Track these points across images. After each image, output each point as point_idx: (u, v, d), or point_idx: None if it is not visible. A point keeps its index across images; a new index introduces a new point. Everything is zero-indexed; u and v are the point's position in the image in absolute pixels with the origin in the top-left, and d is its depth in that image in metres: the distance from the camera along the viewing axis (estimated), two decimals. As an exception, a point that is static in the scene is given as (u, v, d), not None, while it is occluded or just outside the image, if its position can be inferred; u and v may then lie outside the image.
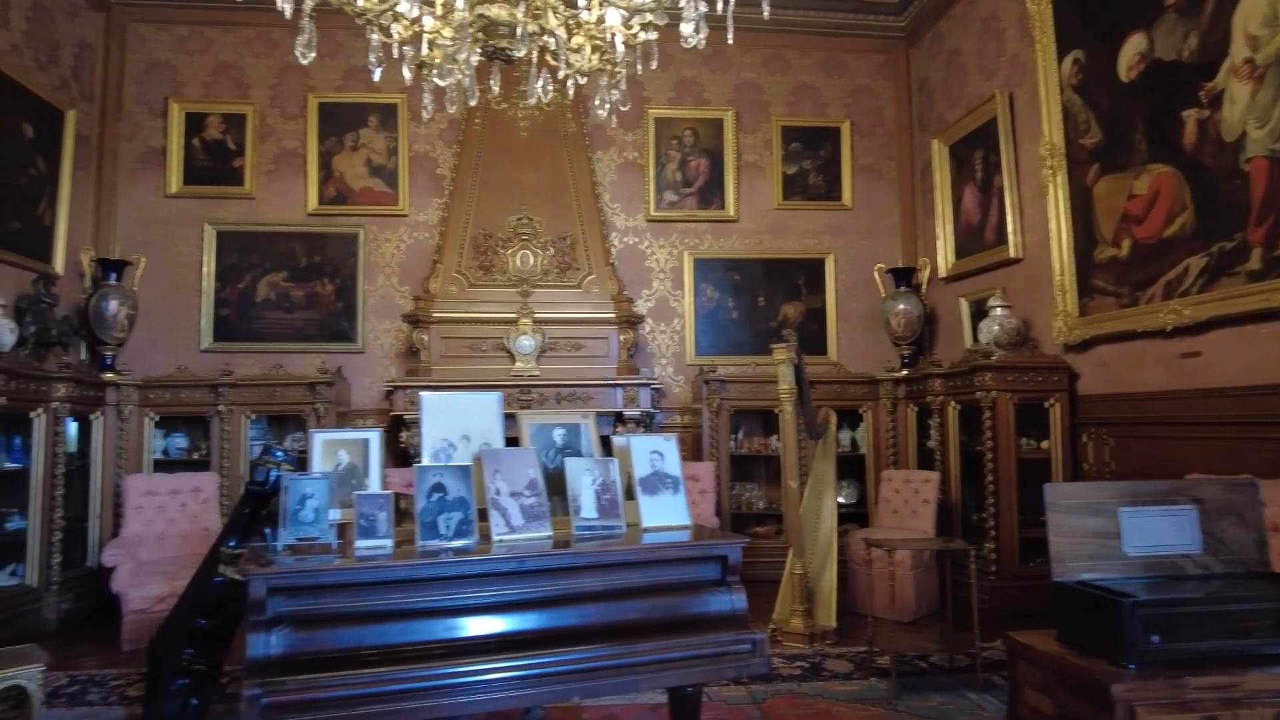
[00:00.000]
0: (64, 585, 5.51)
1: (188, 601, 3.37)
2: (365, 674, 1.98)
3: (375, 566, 2.18)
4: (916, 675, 4.22)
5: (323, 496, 2.43)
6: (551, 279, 6.85)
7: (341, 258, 7.13)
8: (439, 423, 2.77)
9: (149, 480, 5.62)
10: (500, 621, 2.21)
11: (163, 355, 6.86)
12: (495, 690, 2.09)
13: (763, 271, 7.50)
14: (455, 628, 2.17)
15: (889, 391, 6.84)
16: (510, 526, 2.54)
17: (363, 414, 7.00)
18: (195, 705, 3.27)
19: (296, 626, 2.05)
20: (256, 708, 1.88)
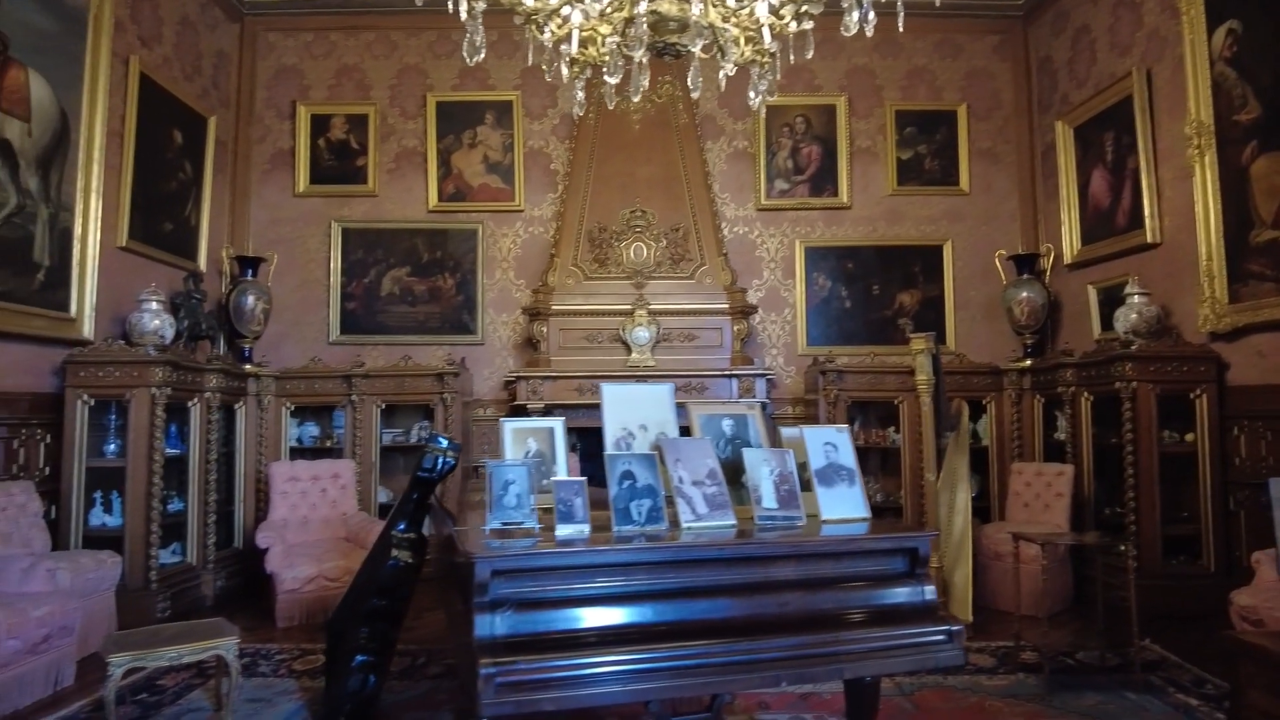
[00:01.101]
0: (218, 564, 5.86)
1: (363, 582, 3.54)
2: (593, 656, 2.05)
3: (601, 550, 2.26)
4: (1065, 673, 4.12)
5: (524, 482, 2.52)
6: (665, 270, 6.89)
7: (461, 253, 7.32)
8: (619, 413, 2.84)
9: (292, 467, 5.91)
10: (708, 606, 2.26)
11: (293, 347, 7.20)
12: (706, 675, 2.13)
13: (877, 259, 7.38)
14: (665, 611, 2.23)
15: (1014, 382, 6.65)
16: (696, 514, 2.59)
17: (483, 403, 7.20)
18: (374, 682, 3.44)
19: (518, 608, 2.14)
20: (491, 686, 1.97)
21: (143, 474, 5.12)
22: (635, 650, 2.09)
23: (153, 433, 5.15)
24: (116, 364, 5.17)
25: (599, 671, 2.06)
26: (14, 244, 4.84)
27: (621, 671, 2.07)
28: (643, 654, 2.09)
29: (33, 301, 4.99)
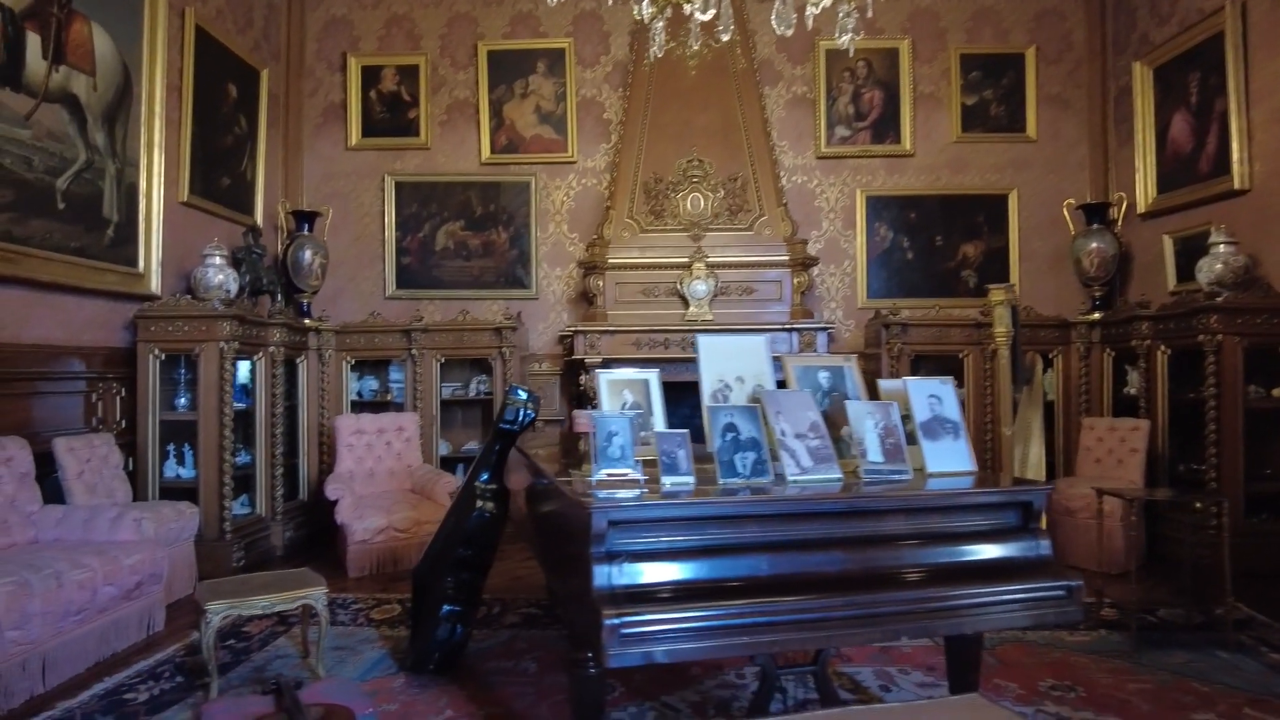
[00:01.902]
0: (285, 515, 5.96)
1: (448, 532, 3.55)
2: (715, 608, 2.02)
3: (718, 502, 2.22)
4: (1149, 630, 4.04)
5: (627, 434, 2.48)
6: (722, 221, 6.76)
7: (514, 206, 7.25)
8: (715, 365, 2.78)
9: (357, 420, 5.96)
10: (823, 560, 2.22)
11: (350, 302, 7.22)
12: (828, 629, 2.10)
13: (940, 209, 7.17)
14: (780, 564, 2.19)
15: (1082, 335, 6.47)
16: (800, 467, 2.54)
17: (538, 358, 7.19)
18: (461, 631, 3.47)
19: (634, 559, 2.11)
20: (615, 637, 1.96)
21: (214, 427, 5.19)
22: (758, 602, 2.06)
23: (222, 386, 5.20)
24: (185, 318, 5.20)
25: (724, 623, 2.03)
26: (85, 200, 4.86)
27: (745, 624, 2.04)
28: (766, 606, 2.06)
29: (104, 257, 5.02)
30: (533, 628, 4.18)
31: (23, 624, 3.29)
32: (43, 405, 4.62)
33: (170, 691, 3.40)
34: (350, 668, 3.65)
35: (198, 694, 3.36)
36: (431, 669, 3.48)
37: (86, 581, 3.63)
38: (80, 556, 3.71)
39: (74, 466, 4.51)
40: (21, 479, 4.13)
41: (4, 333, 4.37)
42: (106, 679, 3.53)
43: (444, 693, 3.35)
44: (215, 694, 3.27)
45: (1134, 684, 3.41)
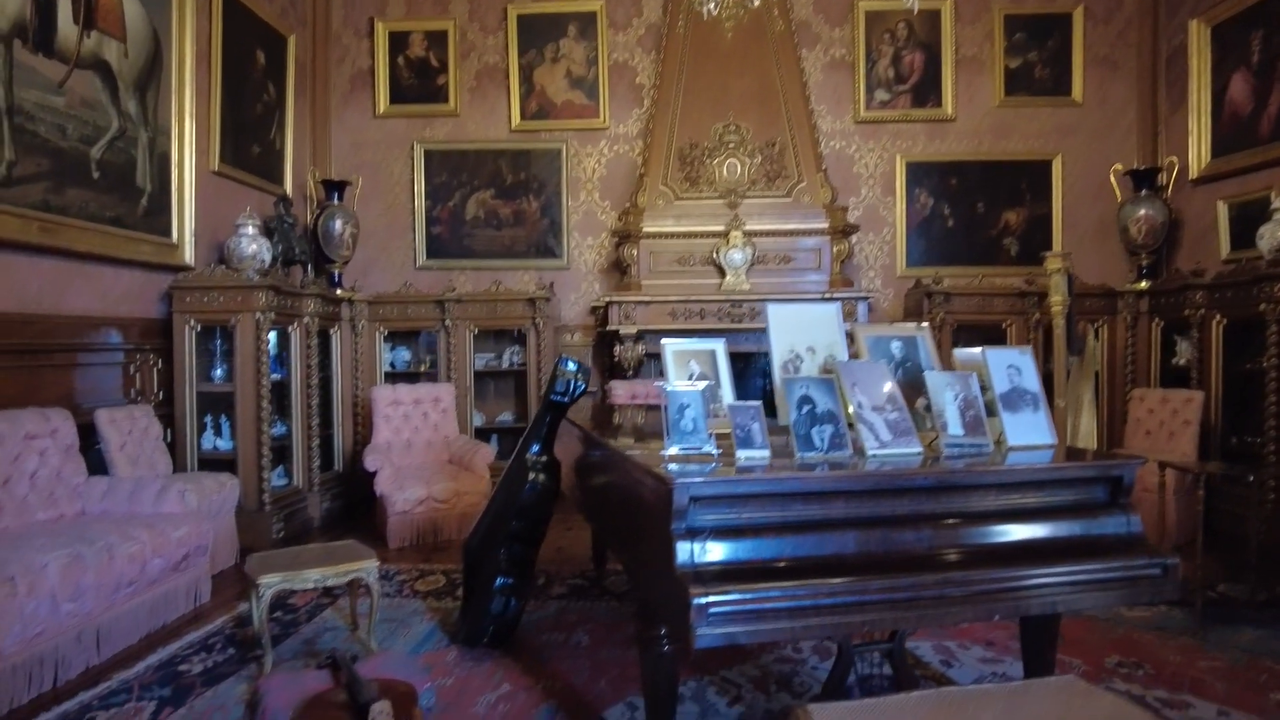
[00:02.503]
0: (322, 486, 5.94)
1: (500, 505, 3.49)
2: (807, 586, 1.94)
3: (810, 478, 2.13)
4: (1212, 607, 3.94)
5: (699, 407, 2.39)
6: (760, 188, 6.61)
7: (545, 174, 7.12)
8: (785, 335, 2.68)
9: (394, 391, 5.91)
10: (911, 537, 2.13)
11: (381, 273, 7.14)
12: (920, 608, 2.02)
13: (982, 175, 6.98)
14: (866, 541, 2.11)
15: (1130, 304, 6.31)
16: (880, 441, 2.45)
17: (569, 328, 7.10)
18: (515, 605, 3.43)
19: (720, 536, 2.03)
20: (704, 616, 1.88)
21: (251, 398, 5.15)
22: (850, 582, 1.98)
23: (259, 357, 5.15)
24: (220, 289, 5.14)
25: (814, 603, 1.95)
26: (119, 169, 4.78)
27: (836, 603, 1.97)
28: (857, 585, 1.98)
29: (139, 227, 4.96)
30: (581, 599, 4.13)
31: (77, 596, 3.27)
32: (83, 377, 4.58)
33: (224, 664, 3.38)
34: (401, 641, 3.62)
35: (250, 666, 3.34)
36: (485, 642, 3.44)
37: (136, 554, 3.61)
38: (129, 529, 3.68)
39: (116, 439, 4.49)
40: (67, 451, 4.10)
41: (44, 304, 4.32)
42: (160, 650, 3.52)
43: (499, 666, 3.32)
44: (269, 667, 3.25)
45: (1204, 662, 3.32)
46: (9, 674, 2.97)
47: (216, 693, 3.10)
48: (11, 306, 4.11)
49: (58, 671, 3.19)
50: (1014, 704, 1.89)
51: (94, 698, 3.06)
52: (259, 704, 2.81)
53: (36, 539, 3.40)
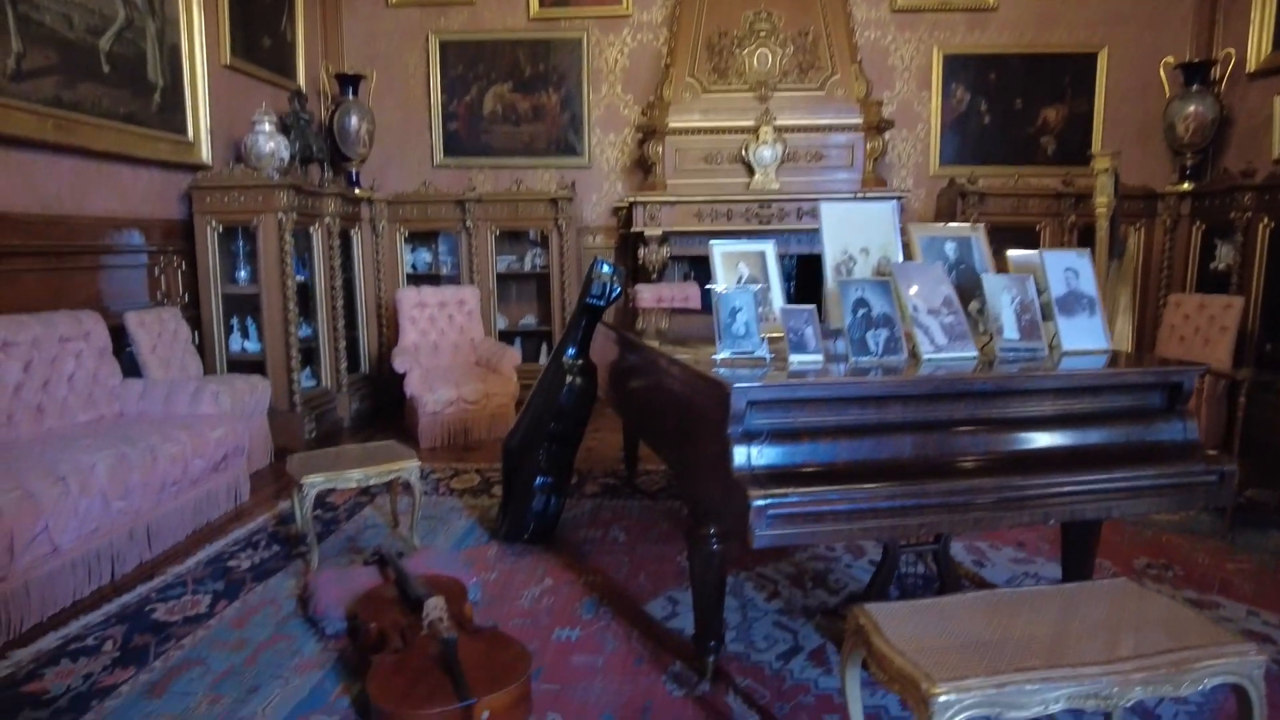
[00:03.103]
0: (350, 388, 5.98)
1: (538, 407, 3.50)
2: (865, 489, 1.94)
3: (869, 383, 2.11)
4: (1240, 511, 3.96)
5: (750, 310, 2.34)
6: (791, 81, 6.33)
7: (566, 66, 6.83)
8: (839, 235, 2.60)
9: (419, 293, 5.86)
10: (968, 442, 2.12)
11: (398, 172, 6.97)
12: (976, 511, 2.02)
13: (1023, 69, 6.66)
14: (922, 445, 2.09)
15: (1170, 207, 6.11)
16: (935, 345, 2.40)
17: (591, 230, 6.97)
18: (555, 503, 3.48)
19: (776, 440, 2.02)
20: (764, 518, 1.89)
21: (277, 300, 5.12)
22: (908, 485, 1.98)
23: (283, 258, 5.09)
24: (241, 189, 5.03)
25: (872, 506, 1.96)
26: (129, 62, 4.60)
27: (894, 506, 1.97)
28: (915, 489, 1.97)
29: (153, 124, 4.81)
30: (614, 498, 4.20)
31: (125, 495, 3.33)
32: (108, 279, 4.54)
33: (270, 560, 3.47)
34: (442, 538, 3.70)
35: (296, 563, 3.43)
36: (526, 539, 3.52)
37: (178, 455, 3.66)
38: (169, 430, 3.72)
39: (147, 341, 4.49)
40: (101, 353, 4.11)
41: (65, 205, 4.24)
42: (207, 546, 3.61)
43: (540, 561, 3.40)
44: (316, 563, 3.33)
45: (1232, 564, 3.37)
46: (69, 569, 3.06)
47: (266, 587, 3.20)
48: (34, 207, 4.04)
49: (114, 566, 3.28)
50: (1070, 604, 1.91)
51: (150, 590, 3.16)
52: (311, 598, 2.90)
53: (81, 440, 3.45)
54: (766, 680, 2.49)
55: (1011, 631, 1.78)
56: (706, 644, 2.44)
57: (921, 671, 1.61)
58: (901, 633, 1.77)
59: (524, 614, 2.94)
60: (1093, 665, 1.63)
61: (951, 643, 1.73)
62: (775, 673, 2.53)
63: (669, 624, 2.85)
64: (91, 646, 2.73)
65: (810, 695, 2.41)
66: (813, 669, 2.55)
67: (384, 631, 2.48)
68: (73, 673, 2.57)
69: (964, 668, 1.62)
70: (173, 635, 2.81)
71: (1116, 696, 1.62)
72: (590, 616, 2.92)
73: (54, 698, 2.42)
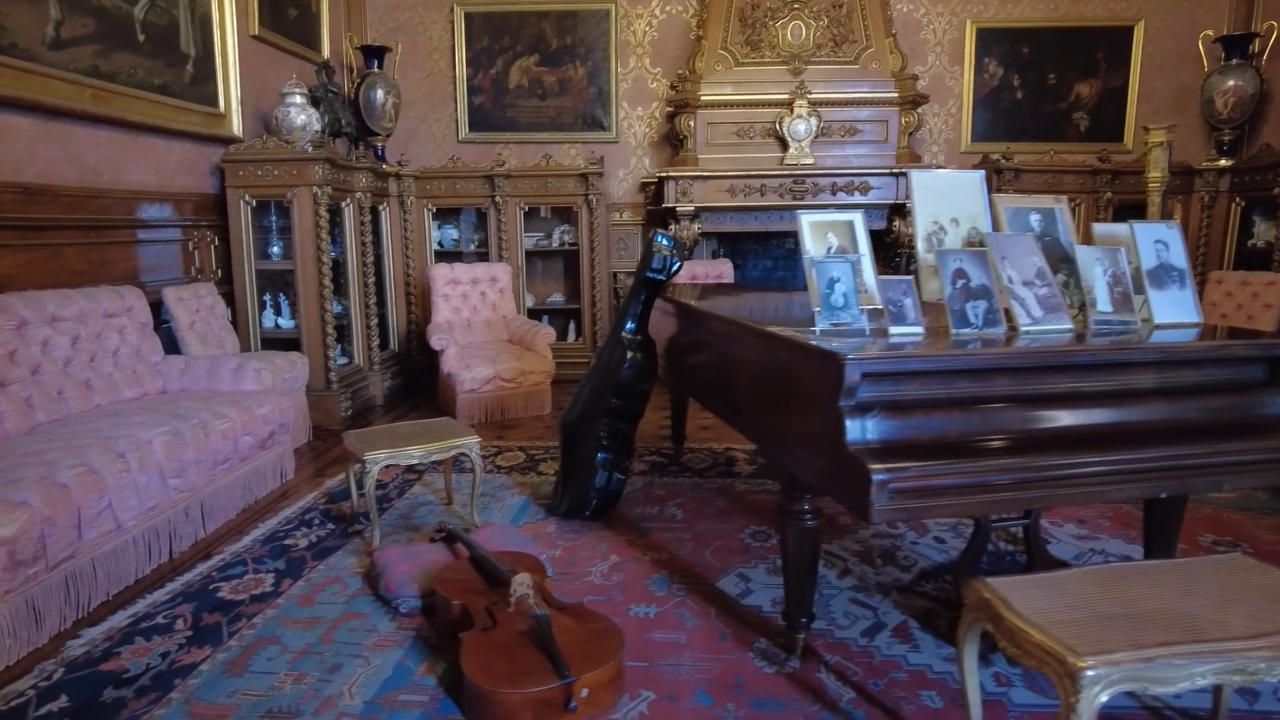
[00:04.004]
0: (381, 365, 5.92)
1: (598, 383, 3.45)
2: (982, 462, 1.91)
3: (979, 355, 2.07)
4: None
5: (849, 280, 2.29)
6: (825, 53, 6.23)
7: (593, 38, 6.72)
8: (929, 204, 2.54)
9: (452, 270, 5.79)
10: (1077, 414, 2.08)
11: (422, 146, 6.88)
12: (1088, 485, 1.99)
13: (1056, 43, 6.58)
14: (1031, 419, 2.06)
15: (1208, 183, 6.06)
16: (1031, 317, 2.36)
17: (618, 206, 6.89)
18: (617, 479, 3.44)
19: (887, 412, 1.98)
20: (885, 492, 1.85)
21: (312, 275, 5.05)
22: (1024, 459, 1.94)
23: (318, 233, 5.01)
24: (274, 162, 4.94)
25: (987, 480, 1.92)
26: (163, 32, 4.50)
27: (1009, 480, 1.93)
28: (1029, 463, 1.94)
29: (186, 96, 4.71)
30: (664, 475, 4.17)
31: (181, 472, 3.28)
32: (145, 254, 4.47)
33: (327, 538, 3.43)
34: (497, 514, 3.66)
35: (354, 540, 3.39)
36: (588, 515, 3.48)
37: (229, 431, 3.61)
38: (218, 407, 3.66)
39: (185, 317, 4.42)
40: (143, 329, 4.05)
41: (104, 177, 4.16)
42: (260, 525, 3.57)
43: (600, 538, 3.36)
44: (377, 541, 3.29)
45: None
46: (131, 546, 3.01)
47: (328, 565, 3.16)
48: (73, 179, 3.95)
49: (172, 544, 3.24)
50: (1188, 578, 1.88)
51: (211, 569, 3.12)
52: (381, 575, 2.86)
53: (134, 416, 3.39)
54: (854, 657, 2.46)
55: (1139, 605, 1.75)
56: (797, 621, 2.41)
57: (1065, 645, 1.58)
58: (1033, 606, 1.74)
59: (596, 589, 2.91)
60: (1241, 639, 1.60)
61: (1085, 615, 1.69)
62: (862, 649, 2.51)
63: (745, 601, 2.82)
64: (163, 625, 2.70)
65: (902, 671, 2.38)
66: (899, 645, 2.53)
67: (468, 609, 2.44)
68: (149, 651, 2.53)
69: (1107, 641, 1.59)
70: (242, 614, 2.77)
71: (1264, 671, 1.59)
72: (663, 593, 2.89)
73: (134, 676, 2.39)
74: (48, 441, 3.02)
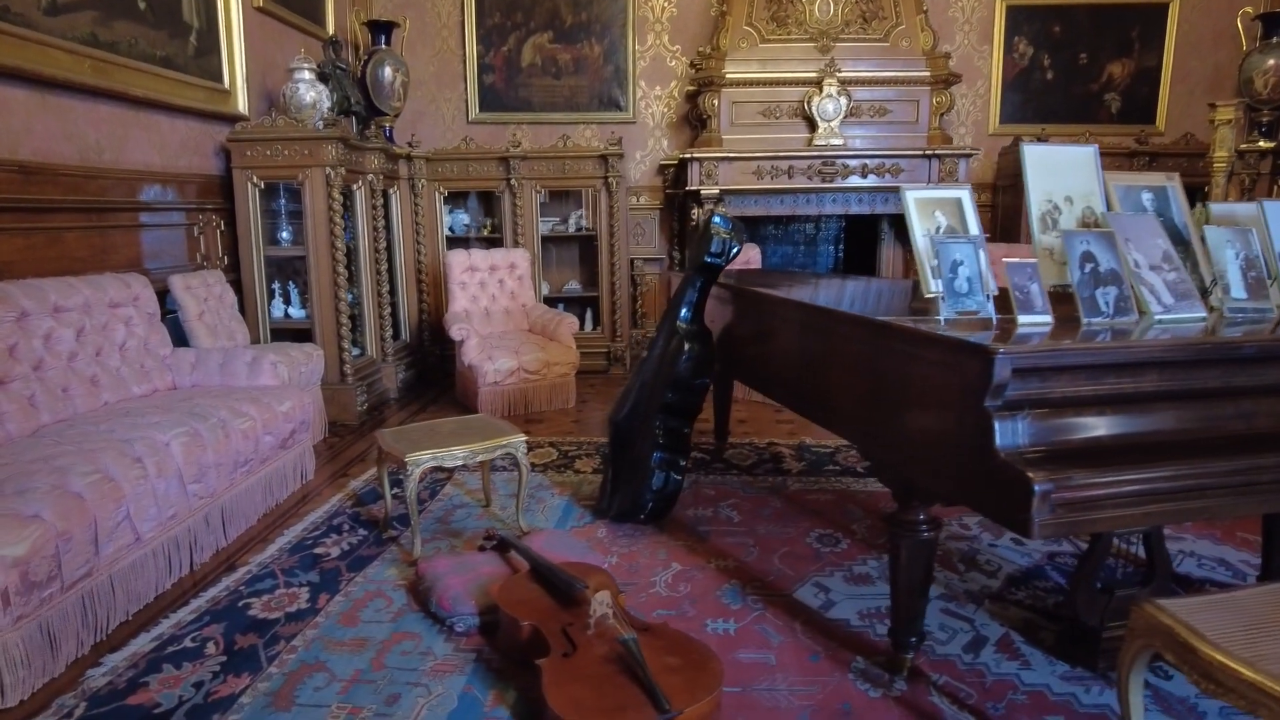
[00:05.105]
0: (394, 356, 5.64)
1: (650, 377, 3.21)
2: (1148, 469, 1.69)
3: (1137, 346, 1.84)
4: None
5: (973, 263, 2.06)
6: (854, 31, 5.98)
7: (610, 14, 6.44)
8: (1043, 181, 2.31)
9: (469, 256, 5.51)
10: (1233, 412, 1.87)
11: (430, 127, 6.57)
12: (1258, 494, 1.78)
13: (1089, 21, 6.37)
14: (1186, 418, 1.84)
15: (1248, 166, 5.88)
16: (1162, 304, 2.14)
17: (635, 190, 6.63)
18: (675, 480, 3.20)
19: (1035, 413, 1.75)
20: (1047, 504, 1.63)
21: (326, 262, 4.76)
22: (1191, 465, 1.72)
23: (331, 218, 4.72)
24: (284, 141, 4.64)
25: (1154, 489, 1.70)
26: (164, 1, 4.18)
27: (1177, 488, 1.71)
28: (1198, 469, 1.72)
29: (190, 69, 4.41)
30: (708, 473, 3.94)
31: (200, 476, 3.01)
32: (148, 239, 4.17)
33: (360, 546, 3.17)
34: (540, 517, 3.42)
35: (389, 548, 3.14)
36: (643, 518, 3.24)
37: (249, 431, 3.33)
38: (236, 404, 3.39)
39: (194, 306, 4.13)
40: (150, 320, 3.76)
41: (105, 156, 3.85)
42: (285, 531, 3.31)
43: (657, 544, 3.13)
44: (418, 550, 3.04)
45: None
46: (150, 559, 2.74)
47: (367, 577, 2.90)
48: (73, 158, 3.65)
49: (192, 555, 2.97)
50: (1379, 599, 1.68)
51: (237, 583, 2.86)
52: (431, 590, 2.62)
53: (147, 415, 3.11)
54: (963, 676, 2.25)
55: (1346, 633, 1.54)
56: (906, 640, 2.20)
57: (1293, 687, 1.36)
58: (1225, 634, 1.52)
59: (664, 602, 2.68)
60: None
61: (1290, 647, 1.48)
62: (969, 667, 2.29)
63: (829, 614, 2.60)
64: (192, 649, 2.43)
65: (1020, 693, 2.17)
66: (1008, 662, 2.32)
67: (540, 631, 2.20)
68: (180, 680, 2.27)
69: (1336, 681, 1.38)
70: (279, 635, 2.51)
71: None
72: (739, 605, 2.66)
73: (167, 711, 2.13)
74: (56, 445, 2.74)
